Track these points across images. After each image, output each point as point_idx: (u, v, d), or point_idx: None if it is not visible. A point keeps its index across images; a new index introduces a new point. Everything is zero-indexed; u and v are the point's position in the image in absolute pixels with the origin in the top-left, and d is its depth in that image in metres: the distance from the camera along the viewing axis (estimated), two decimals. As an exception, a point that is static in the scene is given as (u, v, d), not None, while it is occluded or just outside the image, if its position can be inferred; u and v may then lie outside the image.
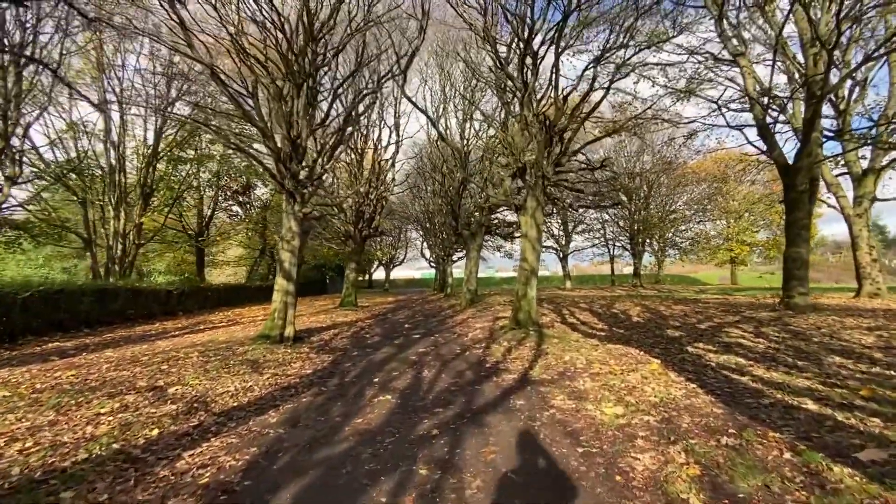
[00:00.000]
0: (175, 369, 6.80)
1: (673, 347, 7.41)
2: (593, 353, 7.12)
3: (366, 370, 6.97)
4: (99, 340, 9.91)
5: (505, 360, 7.15)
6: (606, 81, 10.16)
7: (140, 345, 9.34)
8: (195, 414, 4.78)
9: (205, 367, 6.94)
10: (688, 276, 59.34)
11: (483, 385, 5.74)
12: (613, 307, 13.79)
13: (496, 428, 4.17)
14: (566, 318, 11.61)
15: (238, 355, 7.93)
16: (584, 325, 10.20)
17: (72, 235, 16.43)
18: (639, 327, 9.69)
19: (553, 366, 6.54)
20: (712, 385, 5.14)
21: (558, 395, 5.14)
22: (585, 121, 9.52)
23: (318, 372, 6.95)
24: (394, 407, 4.96)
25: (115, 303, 12.97)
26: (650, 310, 12.79)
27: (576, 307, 14.16)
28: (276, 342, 9.36)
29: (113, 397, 5.26)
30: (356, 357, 8.08)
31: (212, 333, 11.00)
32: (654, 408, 4.44)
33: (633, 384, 5.35)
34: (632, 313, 12.14)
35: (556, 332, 9.24)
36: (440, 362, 7.26)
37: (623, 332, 9.06)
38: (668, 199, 31.78)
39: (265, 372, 6.82)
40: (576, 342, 8.07)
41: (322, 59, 10.34)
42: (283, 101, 9.80)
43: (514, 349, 7.83)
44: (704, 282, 49.10)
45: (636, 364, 6.39)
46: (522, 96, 9.99)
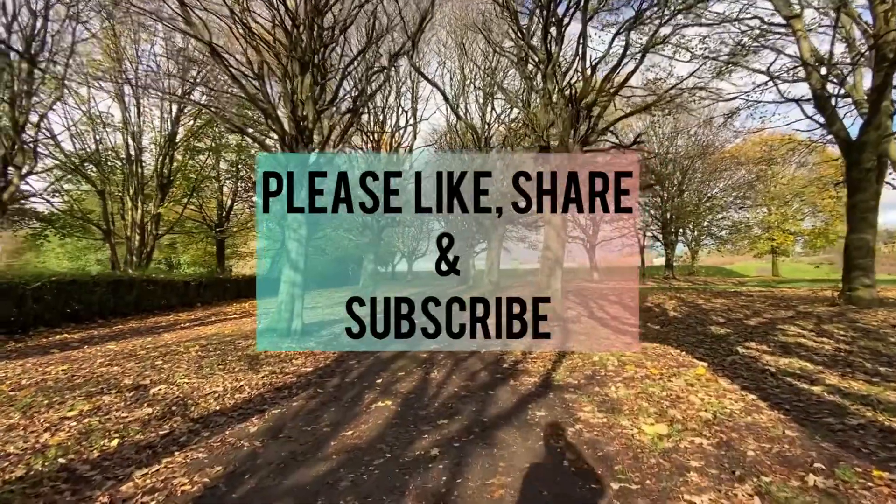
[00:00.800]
0: (168, 365, 6.35)
1: (720, 347, 6.46)
2: (626, 353, 6.25)
3: (371, 369, 6.33)
4: (107, 332, 9.67)
5: (525, 359, 6.38)
6: (639, 52, 9.12)
7: (145, 337, 9.02)
8: (169, 420, 4.24)
9: (200, 364, 6.47)
10: (723, 268, 56.42)
11: (498, 390, 5.00)
12: (646, 300, 12.74)
13: (509, 448, 3.43)
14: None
15: (239, 350, 7.45)
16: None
17: (95, 227, 16.48)
18: (677, 323, 8.71)
19: (580, 367, 5.72)
20: (777, 397, 4.24)
21: (586, 405, 4.34)
22: (616, 94, 8.53)
23: (318, 370, 6.36)
24: (392, 416, 4.29)
25: (129, 294, 12.82)
26: (687, 303, 11.71)
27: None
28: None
29: (90, 397, 4.80)
30: (363, 353, 7.47)
31: (221, 326, 10.64)
32: (707, 426, 3.60)
33: (677, 393, 4.50)
34: (667, 307, 11.10)
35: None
36: (453, 360, 6.55)
37: (659, 329, 8.11)
38: (704, 186, 29.91)
39: (262, 369, 6.27)
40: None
41: (330, 34, 9.67)
42: (287, 81, 9.21)
43: (536, 346, 7.04)
44: (741, 273, 46.49)
45: (678, 367, 5.51)
46: (546, 68, 9.08)
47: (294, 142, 9.36)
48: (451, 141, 19.45)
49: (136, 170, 15.52)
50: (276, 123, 8.93)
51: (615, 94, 8.47)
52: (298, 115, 9.11)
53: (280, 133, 9.09)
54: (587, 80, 8.63)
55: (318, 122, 9.64)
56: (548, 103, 9.29)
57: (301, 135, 9.39)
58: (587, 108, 8.64)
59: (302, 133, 9.40)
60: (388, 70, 10.45)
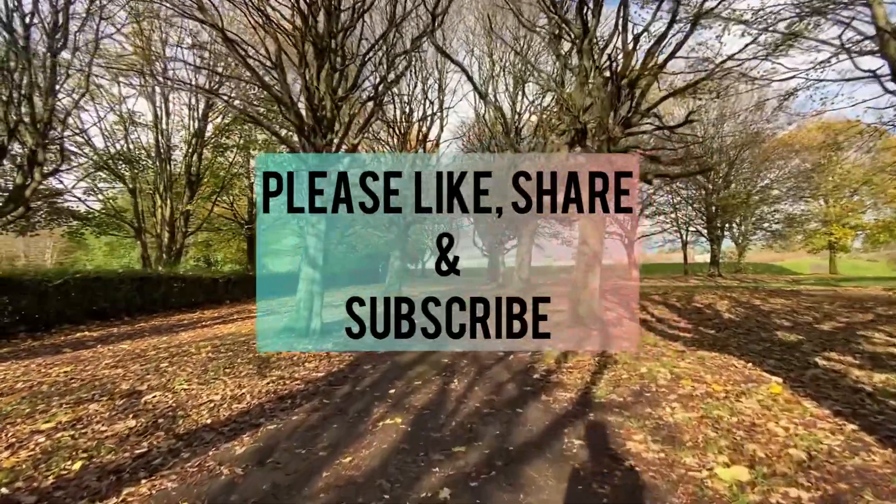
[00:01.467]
0: (173, 368, 5.96)
1: (793, 358, 5.46)
2: (680, 364, 5.36)
3: (386, 375, 5.72)
4: (127, 331, 9.53)
5: (559, 368, 5.59)
6: (689, 18, 8.07)
7: (163, 336, 8.78)
8: (151, 435, 3.75)
9: (206, 367, 6.05)
10: (773, 265, 52.71)
11: (527, 407, 4.26)
12: (694, 300, 11.57)
13: (539, 493, 2.69)
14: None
15: (251, 351, 7.02)
16: (660, 324, 8.30)
17: (128, 225, 16.73)
18: (735, 327, 7.66)
19: (625, 381, 4.89)
20: (884, 427, 3.32)
21: (636, 431, 3.54)
22: (662, 69, 7.54)
23: (330, 376, 5.80)
24: (400, 438, 3.63)
25: (156, 291, 12.81)
26: (742, 304, 10.51)
27: (647, 300, 12.09)
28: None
29: (77, 405, 4.40)
30: (381, 357, 6.87)
31: (241, 324, 10.34)
32: (802, 470, 2.75)
33: (751, 418, 3.63)
34: (719, 308, 9.97)
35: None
36: (477, 367, 5.85)
37: (714, 334, 7.11)
38: (754, 176, 27.77)
39: (270, 374, 5.78)
40: (653, 347, 6.30)
41: (349, 15, 9.12)
42: (304, 67, 8.72)
43: (572, 354, 6.23)
44: (793, 271, 43.18)
45: (745, 382, 4.59)
46: (581, 43, 8.18)
47: (311, 132, 8.89)
48: (480, 132, 18.65)
49: (166, 167, 15.61)
50: (290, 112, 8.46)
51: (661, 70, 7.48)
52: (315, 103, 8.60)
53: (297, 122, 8.62)
54: (628, 55, 7.69)
55: (336, 111, 9.12)
56: (584, 82, 8.40)
57: (319, 124, 8.90)
58: (629, 85, 7.69)
59: (320, 122, 8.91)
60: (411, 54, 9.81)
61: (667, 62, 7.55)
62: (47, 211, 16.18)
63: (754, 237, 32.06)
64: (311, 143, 8.88)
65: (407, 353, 7.02)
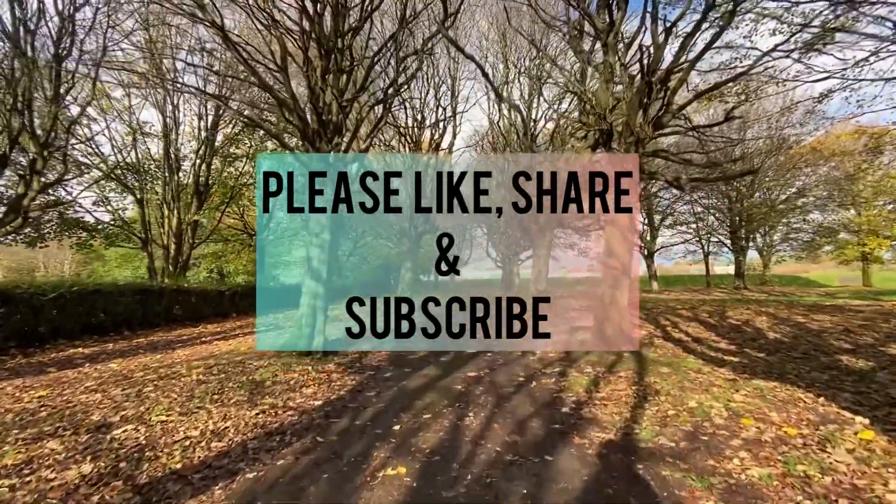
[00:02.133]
0: (156, 394, 5.36)
1: (870, 390, 4.61)
2: (735, 397, 4.55)
3: (391, 405, 5.02)
4: (122, 347, 9.03)
5: (590, 400, 4.83)
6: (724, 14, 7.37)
7: (157, 353, 8.24)
8: (105, 486, 3.11)
9: (192, 393, 5.43)
10: (798, 277, 50.71)
11: (558, 454, 3.52)
12: (728, 316, 10.66)
13: None
14: (668, 331, 8.86)
15: (246, 374, 6.40)
16: (698, 344, 7.46)
17: (136, 237, 16.45)
18: (785, 348, 6.78)
19: (672, 419, 4.12)
20: None
21: (701, 494, 2.78)
22: (697, 63, 6.83)
23: (329, 404, 5.13)
24: (403, 496, 2.93)
25: (159, 304, 12.36)
26: (783, 320, 9.58)
27: (676, 316, 11.20)
28: (301, 355, 7.81)
29: (34, 442, 3.81)
30: (387, 381, 6.19)
31: (243, 340, 9.78)
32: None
33: (848, 475, 2.84)
34: (760, 325, 9.06)
35: (661, 355, 6.66)
36: (494, 397, 5.11)
37: (765, 358, 6.25)
38: (780, 184, 26.55)
39: (261, 402, 5.13)
40: (697, 374, 5.49)
41: (359, 15, 8.64)
42: (308, 68, 8.24)
43: (604, 381, 5.46)
44: (822, 283, 41.32)
45: (822, 423, 3.78)
46: (607, 36, 7.54)
47: (316, 136, 8.36)
48: (494, 140, 18.09)
49: (174, 176, 15.33)
50: (292, 114, 7.95)
51: (695, 64, 6.76)
52: (320, 106, 8.08)
53: (300, 126, 8.10)
54: (659, 48, 7.00)
55: (341, 114, 8.59)
56: (609, 79, 7.73)
57: (324, 128, 8.37)
58: (661, 81, 7.00)
59: (325, 126, 8.38)
60: (422, 54, 9.28)
61: (702, 54, 6.84)
62: (57, 222, 16.05)
63: (782, 248, 30.68)
64: (315, 149, 8.35)
65: (415, 377, 6.33)
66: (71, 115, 12.28)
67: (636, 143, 7.47)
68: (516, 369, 6.51)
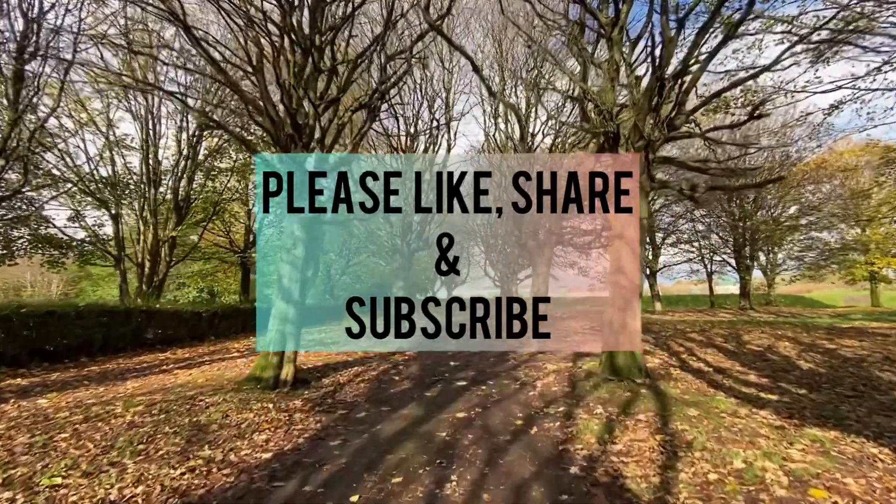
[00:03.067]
0: (68, 443, 4.35)
1: (962, 444, 3.63)
2: (791, 453, 3.56)
3: (355, 461, 4.01)
4: (69, 377, 7.98)
5: (605, 454, 3.83)
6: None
7: (104, 385, 7.21)
8: None
9: (115, 440, 4.43)
10: (802, 297, 49.64)
11: (570, 549, 2.52)
12: (745, 341, 9.68)
13: None
14: (685, 359, 7.86)
15: (192, 413, 5.38)
16: (723, 376, 6.47)
17: (108, 254, 15.49)
18: (828, 383, 5.80)
19: (716, 487, 3.12)
20: None
21: None
22: (721, 48, 6.06)
23: (279, 458, 4.12)
24: None
25: (125, 326, 11.30)
26: (809, 346, 8.60)
27: (688, 340, 10.21)
28: (266, 388, 6.78)
29: None
30: (359, 423, 5.17)
31: (206, 369, 8.75)
32: None
33: None
34: (786, 352, 8.08)
35: (684, 391, 5.66)
36: (485, 450, 4.11)
37: (807, 395, 5.26)
38: (788, 200, 25.90)
39: (196, 455, 4.13)
40: (734, 418, 4.49)
41: (344, 10, 7.94)
42: (286, 66, 7.47)
43: (619, 426, 4.46)
44: (826, 304, 40.23)
45: (921, 498, 2.80)
46: (611, 31, 6.80)
47: (290, 141, 7.52)
48: (490, 154, 17.37)
49: (149, 190, 14.47)
50: (262, 116, 7.13)
51: (719, 49, 5.99)
52: (292, 106, 7.26)
53: (271, 130, 7.27)
54: (671, 41, 6.24)
55: (318, 118, 7.78)
56: (614, 77, 6.95)
57: (298, 132, 7.53)
58: (675, 77, 6.22)
59: (300, 130, 7.54)
60: (409, 55, 8.54)
61: (723, 44, 6.07)
62: (28, 239, 15.13)
63: (787, 267, 29.86)
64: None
65: (393, 418, 5.30)
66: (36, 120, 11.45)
67: (646, 146, 6.65)
68: (513, 408, 5.50)
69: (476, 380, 7.34)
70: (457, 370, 8.30)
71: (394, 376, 7.98)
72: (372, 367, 8.77)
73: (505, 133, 15.53)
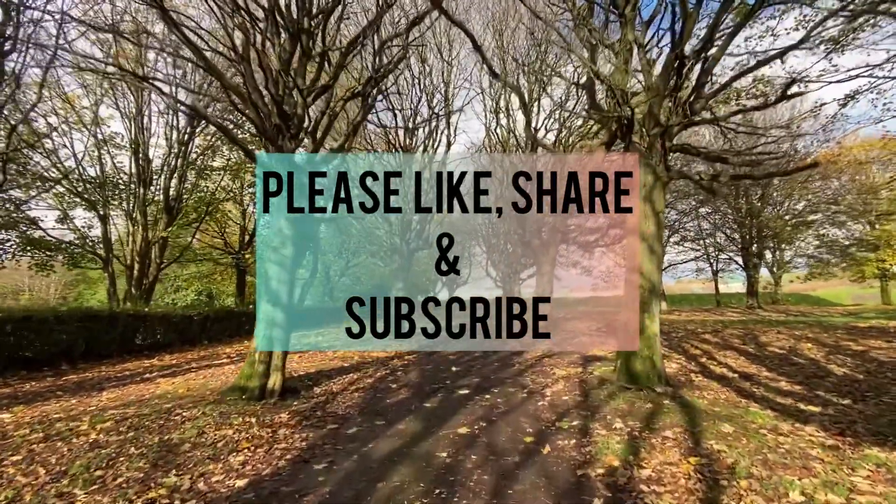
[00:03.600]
0: (16, 468, 3.83)
1: None
2: (854, 481, 3.00)
3: (340, 491, 3.46)
4: (43, 387, 7.45)
5: (631, 480, 3.27)
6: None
7: (77, 396, 6.67)
8: None
9: (70, 465, 3.90)
10: (808, 295, 48.87)
11: None
12: (764, 343, 9.10)
13: None
14: (705, 363, 7.29)
15: (164, 430, 4.84)
16: (752, 384, 5.90)
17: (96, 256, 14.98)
18: (872, 391, 5.23)
19: (777, 530, 2.56)
20: None
21: None
22: (750, 19, 5.51)
23: (254, 487, 3.58)
24: None
25: (110, 332, 10.78)
26: (834, 347, 8.03)
27: (703, 341, 9.64)
28: (251, 399, 6.24)
29: None
30: (350, 441, 4.62)
31: (189, 377, 8.20)
32: None
33: None
34: (811, 355, 7.51)
35: (712, 401, 5.09)
36: (492, 475, 3.55)
37: (853, 406, 4.70)
38: (797, 196, 25.30)
39: (159, 483, 3.58)
40: (776, 435, 3.92)
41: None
42: (272, 50, 6.94)
43: (644, 445, 3.90)
44: (833, 302, 39.51)
45: None
46: (624, 7, 6.25)
47: (277, 132, 6.98)
48: (492, 150, 16.82)
49: (138, 189, 13.95)
50: (249, 107, 6.59)
51: (748, 19, 5.44)
52: (277, 95, 6.72)
53: (257, 120, 6.73)
54: (689, 16, 5.69)
55: (307, 108, 7.24)
56: (627, 59, 6.40)
57: (286, 123, 7.00)
58: (697, 52, 5.66)
59: (286, 121, 7.00)
60: (406, 38, 8.01)
61: (747, 19, 5.52)
62: (16, 241, 14.62)
63: (795, 265, 29.24)
64: (277, 147, 6.96)
65: (388, 435, 4.75)
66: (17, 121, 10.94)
67: (663, 134, 6.10)
68: (521, 422, 4.93)
69: (480, 387, 6.78)
70: (458, 376, 7.74)
71: (391, 384, 7.43)
72: (368, 374, 8.22)
73: (506, 128, 14.99)
